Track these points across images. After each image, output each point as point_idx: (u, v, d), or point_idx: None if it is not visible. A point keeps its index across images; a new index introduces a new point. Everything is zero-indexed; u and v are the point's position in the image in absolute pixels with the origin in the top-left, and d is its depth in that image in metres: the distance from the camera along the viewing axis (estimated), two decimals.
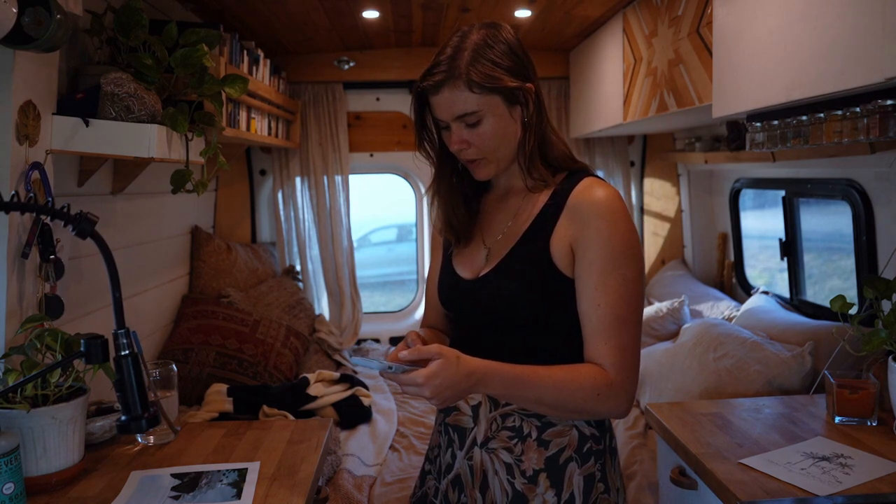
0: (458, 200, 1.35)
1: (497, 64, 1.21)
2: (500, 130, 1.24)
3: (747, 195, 3.27)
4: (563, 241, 1.21)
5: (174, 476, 1.31)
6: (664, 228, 3.87)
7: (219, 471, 1.32)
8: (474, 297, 1.29)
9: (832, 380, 1.55)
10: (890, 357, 1.49)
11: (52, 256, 1.47)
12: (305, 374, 2.63)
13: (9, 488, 1.13)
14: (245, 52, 2.50)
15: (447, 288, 1.36)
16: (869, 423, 1.53)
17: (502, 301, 1.24)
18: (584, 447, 1.25)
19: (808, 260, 2.77)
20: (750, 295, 3.00)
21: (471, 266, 1.32)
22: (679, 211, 3.83)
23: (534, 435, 1.24)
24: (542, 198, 1.27)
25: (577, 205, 1.22)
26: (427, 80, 1.23)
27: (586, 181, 1.24)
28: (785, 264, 2.84)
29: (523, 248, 1.25)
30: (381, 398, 2.82)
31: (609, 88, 2.95)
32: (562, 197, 1.24)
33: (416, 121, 1.29)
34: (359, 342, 3.68)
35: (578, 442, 1.25)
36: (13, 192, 1.35)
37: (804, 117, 1.63)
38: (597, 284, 1.18)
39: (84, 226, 1.20)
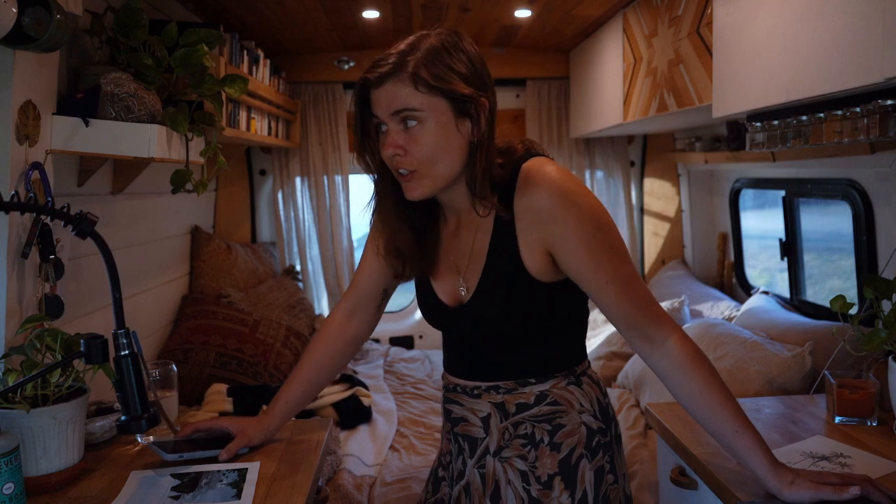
0: (403, 223, 1.25)
1: (451, 68, 1.12)
2: (442, 141, 1.12)
3: (747, 195, 3.27)
4: (532, 248, 1.17)
5: (174, 476, 1.31)
6: (664, 228, 3.87)
7: (219, 471, 1.32)
8: (460, 321, 1.27)
9: (832, 380, 1.55)
10: (890, 357, 1.49)
11: (51, 256, 1.46)
12: None
13: (9, 488, 1.13)
14: (245, 52, 2.50)
15: (432, 311, 1.32)
16: (869, 423, 1.53)
17: (489, 324, 1.23)
18: (593, 442, 1.26)
19: (808, 260, 2.77)
20: (750, 295, 3.00)
21: (450, 293, 1.29)
22: (679, 211, 3.83)
23: (546, 440, 1.25)
24: (491, 214, 1.20)
25: (525, 210, 1.16)
26: (371, 72, 1.12)
27: (520, 181, 1.17)
28: (785, 264, 2.84)
29: (493, 270, 1.20)
30: (381, 398, 2.82)
31: (609, 88, 2.95)
32: (507, 206, 1.17)
33: (357, 119, 1.18)
34: None
35: (587, 438, 1.26)
36: (13, 192, 1.35)
37: (804, 117, 1.63)
38: (594, 269, 1.14)
39: (84, 226, 1.20)
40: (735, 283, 3.38)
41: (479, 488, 1.28)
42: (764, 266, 3.25)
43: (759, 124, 1.83)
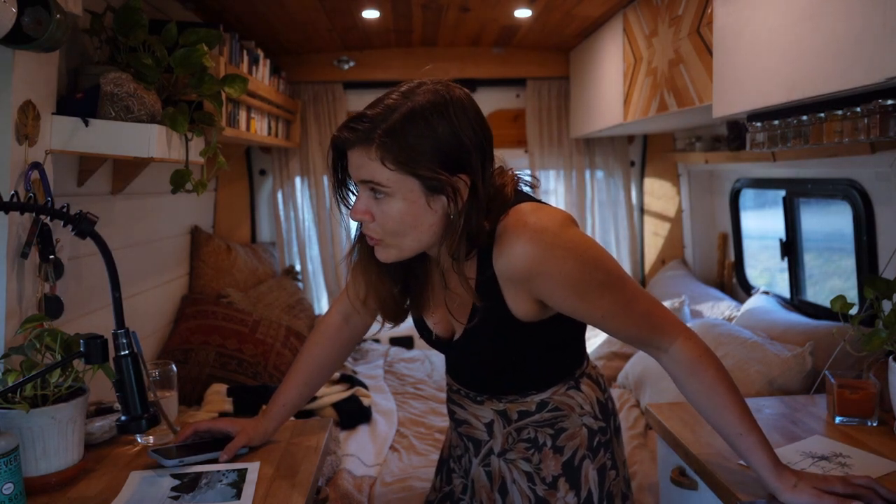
0: (384, 275, 1.20)
1: (423, 145, 1.03)
2: (409, 217, 1.06)
3: (747, 195, 3.27)
4: (517, 299, 1.14)
5: (174, 476, 1.31)
6: (664, 228, 3.87)
7: (218, 471, 1.32)
8: (454, 352, 1.30)
9: (832, 380, 1.55)
10: (890, 357, 1.49)
11: (51, 256, 1.46)
12: None
13: (8, 488, 1.13)
14: (245, 51, 2.49)
15: (427, 339, 1.32)
16: (869, 424, 1.52)
17: (482, 358, 1.25)
18: (594, 442, 1.29)
19: (809, 260, 2.77)
20: (750, 295, 3.00)
21: (441, 327, 1.28)
22: (679, 211, 3.83)
23: (549, 444, 1.27)
24: (473, 264, 1.16)
25: (505, 271, 1.10)
26: (342, 131, 1.06)
27: (497, 241, 1.10)
28: (785, 264, 2.84)
29: (480, 315, 1.17)
30: (381, 398, 2.82)
31: (609, 88, 2.95)
32: (488, 264, 1.12)
33: (331, 168, 1.13)
34: (359, 342, 3.68)
35: (588, 439, 1.28)
36: (13, 192, 1.35)
37: (804, 117, 1.63)
38: (587, 309, 1.12)
39: (84, 226, 1.20)
40: (735, 283, 3.38)
41: (486, 485, 1.32)
42: (764, 266, 3.25)
43: (759, 124, 1.83)
